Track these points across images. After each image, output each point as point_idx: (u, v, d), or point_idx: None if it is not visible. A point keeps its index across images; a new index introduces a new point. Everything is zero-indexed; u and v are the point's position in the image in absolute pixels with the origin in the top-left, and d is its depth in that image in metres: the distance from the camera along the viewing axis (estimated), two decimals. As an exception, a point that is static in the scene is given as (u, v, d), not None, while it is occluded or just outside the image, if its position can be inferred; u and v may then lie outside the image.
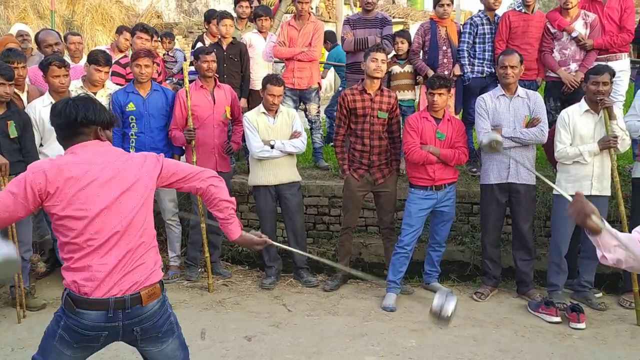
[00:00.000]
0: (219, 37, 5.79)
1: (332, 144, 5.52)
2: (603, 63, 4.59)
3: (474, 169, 5.47)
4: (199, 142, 4.65)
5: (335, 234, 5.59)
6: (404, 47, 5.47)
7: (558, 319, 4.00)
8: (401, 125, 4.80)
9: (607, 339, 3.78)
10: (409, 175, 4.51)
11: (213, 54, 4.79)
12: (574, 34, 4.92)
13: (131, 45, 5.76)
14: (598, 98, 3.98)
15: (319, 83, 5.93)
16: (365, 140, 4.49)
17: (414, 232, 4.39)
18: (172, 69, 7.29)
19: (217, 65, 4.90)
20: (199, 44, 6.28)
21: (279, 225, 5.13)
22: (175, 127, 4.70)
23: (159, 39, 7.33)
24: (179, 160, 5.23)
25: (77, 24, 11.44)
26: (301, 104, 5.94)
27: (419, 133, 4.34)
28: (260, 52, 5.99)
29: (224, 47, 5.68)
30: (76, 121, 2.19)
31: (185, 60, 7.35)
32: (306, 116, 5.97)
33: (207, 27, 6.67)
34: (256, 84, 5.55)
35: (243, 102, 5.67)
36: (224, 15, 5.77)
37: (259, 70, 5.88)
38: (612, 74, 4.05)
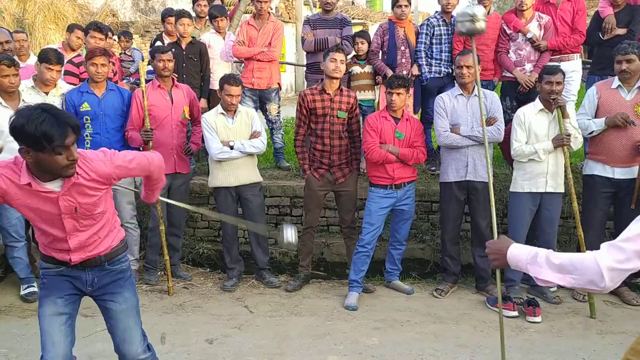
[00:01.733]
0: (178, 36, 5.70)
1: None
2: (556, 63, 4.73)
3: (433, 168, 5.55)
4: (157, 143, 4.56)
5: (297, 234, 5.56)
6: (364, 47, 5.50)
7: (515, 313, 4.10)
8: (361, 125, 4.82)
9: (562, 331, 3.89)
10: (368, 175, 4.54)
11: (170, 53, 4.71)
12: (528, 35, 5.05)
13: (85, 44, 5.60)
14: (552, 97, 4.09)
15: (278, 83, 5.91)
16: (325, 140, 4.49)
17: (374, 231, 4.42)
18: (129, 68, 7.13)
19: (176, 65, 4.81)
20: (158, 43, 6.16)
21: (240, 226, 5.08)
22: (132, 127, 4.59)
23: (117, 37, 7.17)
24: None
25: (28, 23, 11.08)
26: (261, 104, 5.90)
27: (378, 132, 4.37)
28: (219, 52, 5.93)
29: (183, 46, 5.60)
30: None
31: (142, 59, 7.21)
32: (266, 116, 5.94)
33: (164, 26, 6.55)
34: (216, 84, 5.49)
35: (203, 103, 5.61)
36: (181, 14, 5.68)
37: (219, 70, 5.82)
38: (563, 74, 4.18)
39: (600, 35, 5.13)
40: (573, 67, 5.12)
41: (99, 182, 2.40)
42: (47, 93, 4.47)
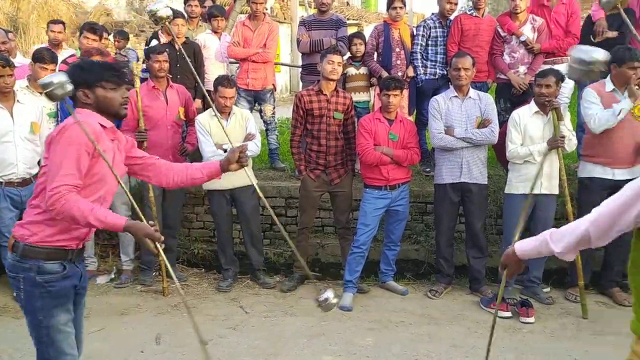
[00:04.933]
0: (173, 36, 5.68)
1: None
2: (550, 66, 4.76)
3: (428, 169, 5.57)
4: (152, 144, 4.55)
5: (292, 234, 5.55)
6: (361, 48, 5.50)
7: (509, 314, 4.12)
8: (356, 126, 4.84)
9: (555, 332, 3.92)
10: (363, 176, 4.56)
11: (165, 53, 4.71)
12: (522, 38, 5.08)
13: (79, 42, 5.57)
14: (544, 100, 4.12)
15: (273, 84, 5.92)
16: (321, 141, 4.51)
17: (369, 232, 4.44)
18: (123, 68, 7.10)
19: (170, 65, 4.81)
20: (154, 42, 6.14)
21: (235, 227, 5.09)
22: (126, 128, 4.57)
23: (114, 37, 7.15)
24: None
25: (22, 22, 11.03)
26: (256, 105, 5.91)
27: (372, 134, 4.39)
28: (215, 52, 5.92)
29: (177, 47, 5.58)
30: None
31: (138, 59, 7.19)
32: (261, 117, 5.95)
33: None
34: (211, 85, 5.49)
35: (198, 103, 5.60)
36: (175, 14, 5.66)
37: (214, 70, 5.81)
38: (560, 77, 4.19)
39: (592, 38, 5.17)
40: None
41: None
42: (41, 93, 4.45)
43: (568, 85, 5.22)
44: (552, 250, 1.90)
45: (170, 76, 4.95)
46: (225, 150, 4.51)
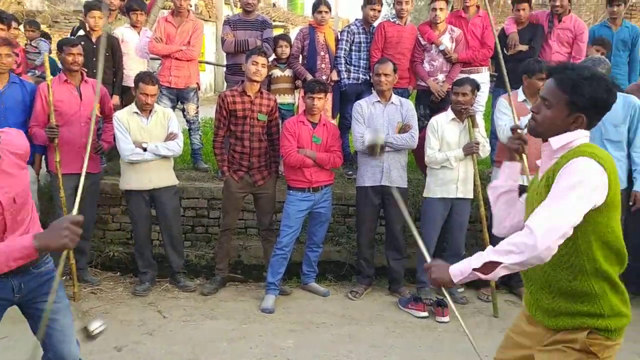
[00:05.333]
0: (89, 29, 5.43)
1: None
2: (466, 75, 4.98)
3: (350, 172, 5.66)
4: (63, 140, 4.32)
5: (214, 236, 5.48)
6: (287, 50, 5.50)
7: (425, 314, 4.26)
8: (280, 128, 4.83)
9: (468, 330, 4.08)
10: (287, 178, 4.56)
11: (79, 46, 4.49)
12: (441, 47, 5.28)
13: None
14: (460, 107, 4.30)
15: (197, 83, 5.80)
16: (245, 142, 4.46)
17: (292, 233, 4.44)
18: (34, 60, 6.70)
19: (86, 59, 4.60)
20: (81, 32, 5.80)
21: (155, 228, 4.93)
22: (35, 123, 4.33)
23: (25, 27, 6.73)
24: (41, 160, 4.85)
25: None
26: (179, 103, 5.77)
27: (296, 137, 4.40)
28: (134, 47, 5.72)
29: (94, 40, 5.35)
30: None
31: (50, 51, 6.81)
32: (184, 116, 5.81)
33: (85, 19, 6.19)
34: (131, 81, 5.29)
35: (116, 100, 5.39)
36: (91, 6, 5.42)
37: (133, 66, 5.62)
38: (475, 85, 4.38)
39: (505, 51, 5.46)
40: (482, 79, 5.40)
41: (20, 157, 2.25)
42: None
43: (483, 94, 5.48)
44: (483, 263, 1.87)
45: (86, 70, 4.73)
46: (145, 149, 4.36)
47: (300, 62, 5.53)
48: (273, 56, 5.55)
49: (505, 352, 2.21)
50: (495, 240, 3.85)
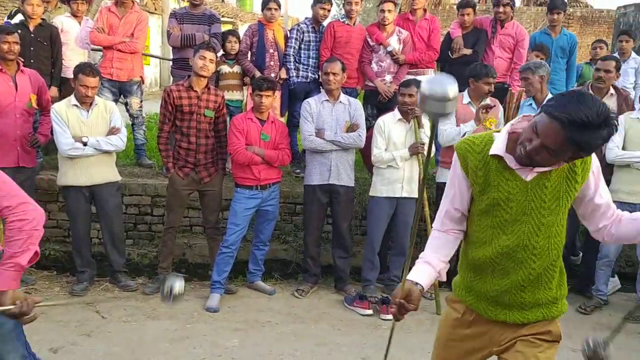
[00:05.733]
0: (27, 17, 5.19)
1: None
2: (413, 77, 5.06)
3: (298, 170, 5.65)
4: (-3, 132, 4.11)
5: (157, 234, 5.35)
6: (236, 46, 5.44)
7: (370, 312, 4.31)
8: (227, 125, 4.77)
9: (411, 327, 4.16)
10: (234, 175, 4.50)
11: (15, 34, 4.28)
12: (389, 48, 5.35)
13: None
14: (406, 108, 4.37)
15: (141, 76, 5.64)
16: (191, 138, 4.37)
17: (239, 232, 4.39)
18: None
19: (22, 48, 4.39)
20: (19, 17, 5.52)
21: (94, 226, 4.76)
22: (-33, 114, 4.09)
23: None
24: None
25: None
26: (122, 97, 5.60)
27: (244, 134, 4.35)
28: (74, 37, 5.51)
29: (31, 28, 5.11)
30: None
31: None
32: (127, 111, 5.64)
33: (23, 6, 5.90)
34: (69, 72, 5.09)
35: (54, 91, 5.17)
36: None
37: (73, 57, 5.42)
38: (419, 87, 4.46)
39: (450, 54, 5.60)
40: (428, 81, 5.52)
41: None
42: None
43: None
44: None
45: (23, 60, 4.51)
46: (85, 144, 4.20)
47: (249, 58, 5.48)
48: (221, 52, 5.47)
49: None
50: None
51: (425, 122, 4.60)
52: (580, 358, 3.49)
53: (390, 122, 4.47)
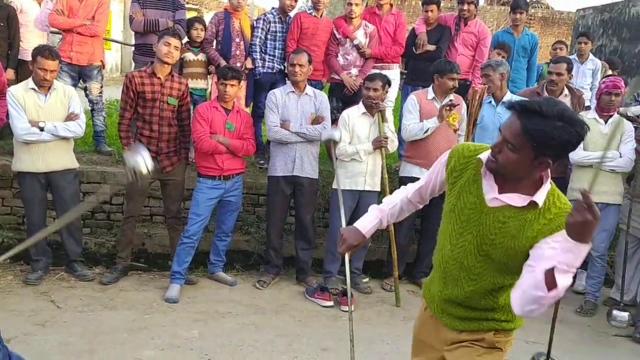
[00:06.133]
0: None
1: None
2: (379, 71, 5.10)
3: (262, 162, 5.63)
4: (-51, 115, 3.95)
5: (116, 223, 5.25)
6: (202, 34, 5.36)
7: (331, 303, 4.34)
8: (191, 114, 4.70)
9: (371, 319, 4.21)
10: (197, 165, 4.45)
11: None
12: (355, 42, 5.37)
13: None
14: (371, 102, 4.40)
15: (102, 61, 5.50)
16: (154, 126, 4.29)
17: (201, 222, 4.35)
18: None
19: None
20: None
21: (50, 213, 4.63)
22: None
23: None
24: None
25: None
26: (81, 82, 5.45)
27: (208, 122, 4.30)
28: (33, 19, 5.32)
29: (-13, 7, 4.92)
30: None
31: None
32: (87, 96, 5.50)
33: None
34: (27, 54, 4.93)
35: (10, 74, 4.99)
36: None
37: (32, 39, 5.24)
38: (386, 81, 4.50)
39: (414, 49, 5.66)
40: (392, 75, 5.55)
41: None
42: None
43: (393, 90, 5.65)
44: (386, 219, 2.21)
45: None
46: (42, 129, 4.08)
47: (214, 47, 5.41)
48: (186, 39, 5.38)
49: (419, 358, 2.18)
50: (402, 232, 4.07)
51: (390, 116, 4.65)
52: (534, 349, 3.62)
53: (354, 116, 4.49)
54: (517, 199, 1.76)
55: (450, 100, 4.54)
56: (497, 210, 1.79)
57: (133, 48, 5.87)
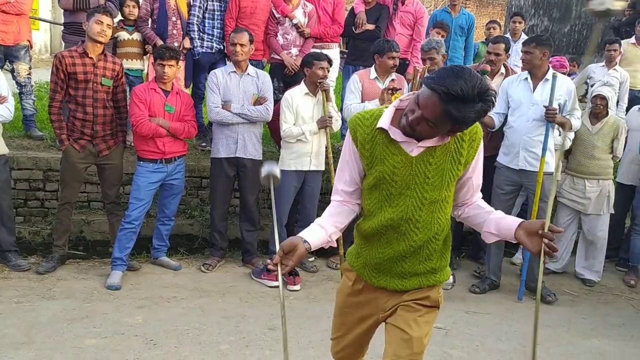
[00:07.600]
0: None
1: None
2: (318, 51, 5.09)
3: (204, 144, 5.54)
4: None
5: (51, 211, 5.05)
6: (135, 11, 5.17)
7: (277, 283, 4.34)
8: (127, 95, 4.55)
9: (318, 297, 4.27)
10: (136, 148, 4.32)
11: None
12: (294, 21, 5.33)
13: None
14: (321, 81, 4.38)
15: (29, 40, 5.22)
16: (87, 109, 4.12)
17: (142, 207, 4.25)
18: None
19: None
20: None
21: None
22: None
23: None
24: None
25: None
26: (7, 63, 5.16)
27: (147, 105, 4.18)
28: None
29: None
30: None
31: None
32: (14, 78, 5.21)
33: None
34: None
35: None
36: None
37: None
38: (328, 60, 4.50)
39: (353, 29, 5.68)
40: (332, 55, 5.54)
41: None
42: None
43: (334, 70, 5.66)
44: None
45: None
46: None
47: (149, 26, 5.24)
48: (119, 17, 5.18)
49: (350, 329, 2.21)
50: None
51: (333, 95, 4.66)
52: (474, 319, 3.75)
53: (297, 96, 4.47)
54: (435, 140, 1.88)
55: (393, 81, 4.59)
56: (422, 155, 1.90)
57: (62, 27, 5.59)
